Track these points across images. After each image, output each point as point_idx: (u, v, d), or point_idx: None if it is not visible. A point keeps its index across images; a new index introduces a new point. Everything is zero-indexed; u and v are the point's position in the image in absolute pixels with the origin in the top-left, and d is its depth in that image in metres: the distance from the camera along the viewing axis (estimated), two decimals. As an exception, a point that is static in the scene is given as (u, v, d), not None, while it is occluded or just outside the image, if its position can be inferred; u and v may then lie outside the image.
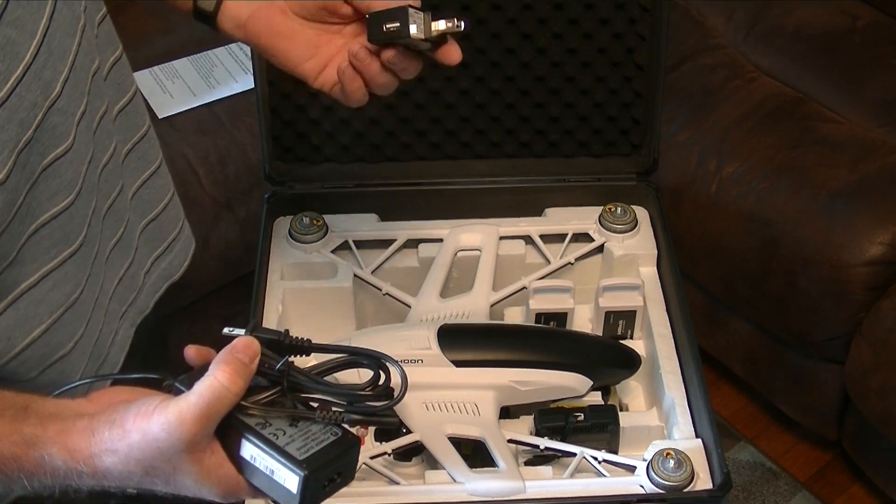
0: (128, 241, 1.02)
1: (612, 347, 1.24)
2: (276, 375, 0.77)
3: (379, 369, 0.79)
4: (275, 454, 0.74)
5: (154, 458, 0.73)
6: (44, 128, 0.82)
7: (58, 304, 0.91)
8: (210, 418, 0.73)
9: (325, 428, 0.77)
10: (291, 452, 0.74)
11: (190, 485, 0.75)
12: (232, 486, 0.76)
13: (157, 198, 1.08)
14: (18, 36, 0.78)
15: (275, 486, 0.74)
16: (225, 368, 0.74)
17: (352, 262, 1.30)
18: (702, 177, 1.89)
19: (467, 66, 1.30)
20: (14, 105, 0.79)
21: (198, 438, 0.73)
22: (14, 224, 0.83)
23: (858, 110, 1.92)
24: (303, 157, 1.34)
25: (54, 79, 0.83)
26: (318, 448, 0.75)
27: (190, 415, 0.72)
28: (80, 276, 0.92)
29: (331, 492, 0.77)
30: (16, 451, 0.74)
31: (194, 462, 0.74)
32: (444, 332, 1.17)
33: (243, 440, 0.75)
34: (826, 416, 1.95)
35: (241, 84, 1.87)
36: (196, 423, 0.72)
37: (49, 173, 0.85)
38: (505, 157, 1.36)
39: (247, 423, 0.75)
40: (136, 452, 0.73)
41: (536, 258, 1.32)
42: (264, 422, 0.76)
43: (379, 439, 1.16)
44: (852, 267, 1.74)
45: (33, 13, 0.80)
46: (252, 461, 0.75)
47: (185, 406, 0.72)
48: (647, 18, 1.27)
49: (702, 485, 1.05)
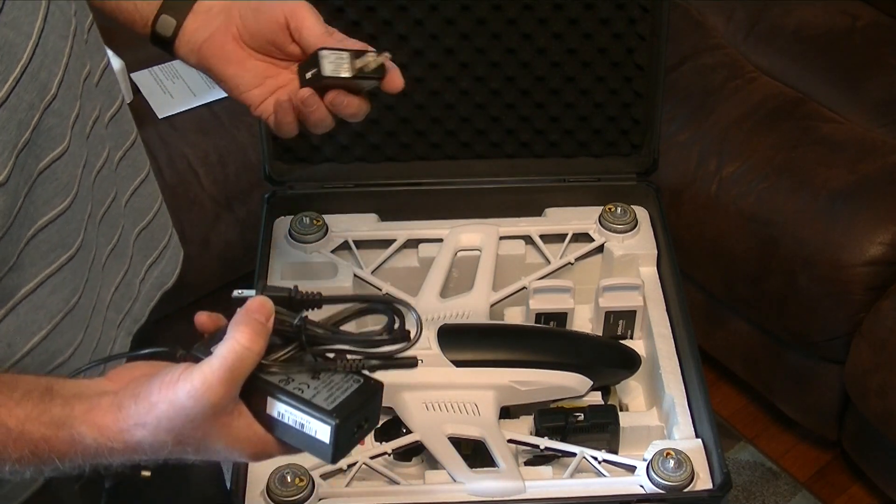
0: (123, 248, 1.02)
1: (612, 347, 1.24)
2: (292, 332, 0.77)
3: (393, 314, 0.80)
4: (303, 407, 0.75)
5: (184, 427, 0.73)
6: (40, 129, 0.83)
7: (57, 309, 0.91)
8: (235, 380, 0.73)
9: (346, 377, 0.77)
10: (319, 403, 0.75)
11: (221, 449, 0.76)
12: (262, 446, 0.77)
13: (147, 205, 1.08)
14: (15, 37, 0.79)
15: (306, 439, 0.75)
16: (244, 329, 0.74)
17: (352, 262, 1.30)
18: (702, 177, 1.89)
19: (467, 66, 1.30)
20: (13, 105, 0.79)
21: (225, 402, 0.73)
22: (14, 228, 0.84)
23: (858, 110, 1.92)
24: (303, 157, 1.34)
25: (50, 80, 0.83)
26: (343, 397, 0.76)
27: (215, 378, 0.72)
28: (77, 281, 0.92)
29: (359, 438, 0.78)
30: (46, 432, 0.74)
31: (223, 426, 0.75)
32: (444, 332, 1.17)
33: (269, 398, 0.76)
34: (826, 416, 1.95)
35: (241, 84, 1.87)
36: (222, 387, 0.73)
37: (46, 176, 0.85)
38: (505, 157, 1.36)
39: (270, 382, 0.76)
40: (166, 423, 0.73)
41: (536, 258, 1.32)
42: (287, 378, 0.76)
43: (379, 439, 1.16)
44: (852, 267, 1.74)
45: (28, 14, 0.80)
46: (280, 418, 0.76)
47: (208, 371, 0.73)
48: (647, 18, 1.27)
49: (702, 485, 1.05)
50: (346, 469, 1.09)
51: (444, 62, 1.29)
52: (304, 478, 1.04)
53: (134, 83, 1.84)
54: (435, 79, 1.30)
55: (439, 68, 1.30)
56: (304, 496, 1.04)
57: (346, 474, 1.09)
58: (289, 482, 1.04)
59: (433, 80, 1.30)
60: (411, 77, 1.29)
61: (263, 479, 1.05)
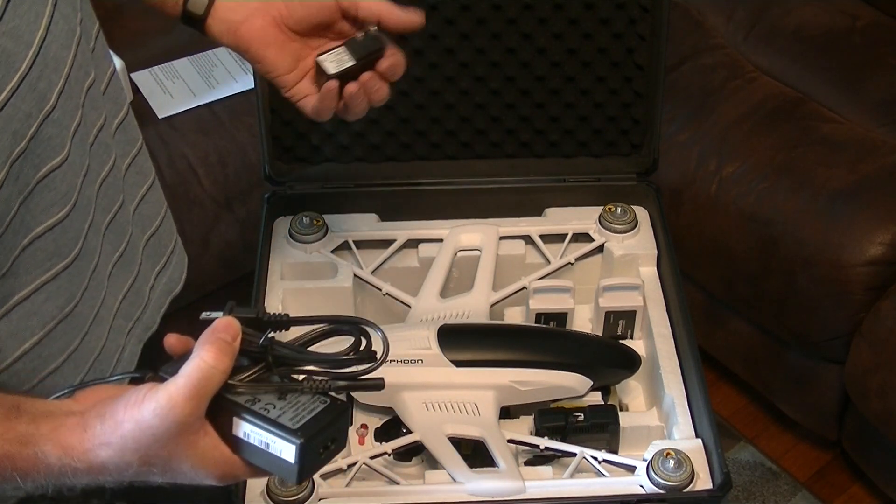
0: (131, 256, 1.02)
1: (612, 347, 1.24)
2: (259, 352, 0.77)
3: (360, 334, 0.80)
4: (268, 427, 0.75)
5: (149, 446, 0.73)
6: (38, 139, 0.82)
7: (50, 316, 0.90)
8: (200, 398, 0.73)
9: (313, 398, 0.77)
10: (285, 423, 0.75)
11: (187, 470, 0.75)
12: (229, 467, 0.76)
13: (154, 212, 1.08)
14: (14, 46, 0.78)
15: (272, 459, 0.75)
16: (209, 348, 0.74)
17: (352, 262, 1.30)
18: (702, 177, 1.89)
19: (467, 66, 1.30)
20: (8, 115, 0.78)
21: (191, 420, 0.73)
22: (7, 236, 0.83)
23: (858, 110, 1.92)
24: (303, 157, 1.34)
25: (49, 90, 0.83)
26: (309, 416, 0.76)
27: (180, 397, 0.72)
28: (73, 289, 0.92)
29: (326, 459, 0.78)
30: (9, 449, 0.73)
31: (189, 445, 0.74)
32: (444, 332, 1.17)
33: (235, 418, 0.75)
34: (826, 416, 1.94)
35: (241, 84, 1.87)
36: (188, 404, 0.72)
37: (43, 185, 0.84)
38: (505, 157, 1.36)
39: (237, 402, 0.76)
40: (131, 443, 0.73)
41: (536, 258, 1.32)
42: (253, 398, 0.76)
43: (379, 439, 1.16)
44: (852, 267, 1.74)
45: (30, 23, 0.80)
46: (246, 438, 0.75)
47: (174, 389, 0.72)
48: (647, 18, 1.27)
49: (702, 485, 1.06)
50: (346, 469, 1.09)
51: (444, 62, 1.29)
52: (304, 478, 1.04)
53: (134, 83, 1.84)
54: (435, 79, 1.30)
55: (439, 68, 1.30)
56: (304, 496, 1.04)
57: (346, 474, 1.09)
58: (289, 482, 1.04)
59: (433, 80, 1.30)
60: (411, 77, 1.30)
61: (263, 479, 1.05)
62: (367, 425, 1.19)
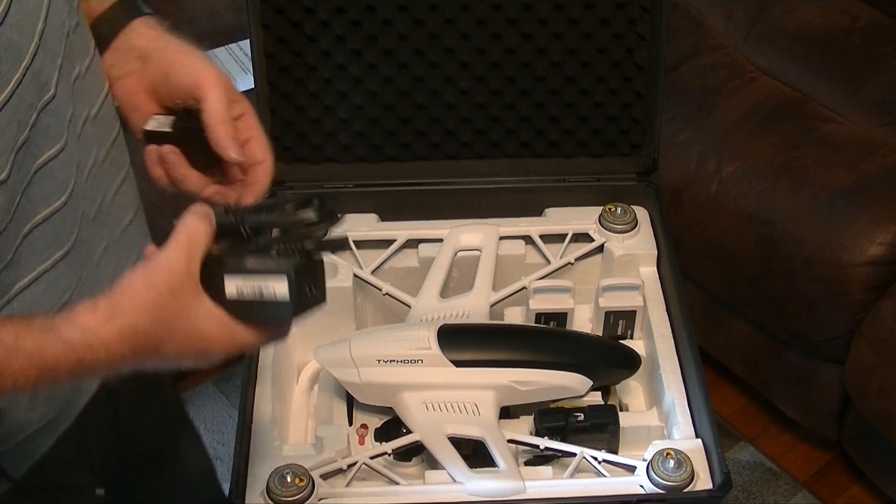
0: (114, 247, 1.03)
1: (612, 347, 1.24)
2: (233, 224, 0.85)
3: (316, 197, 0.87)
4: (256, 274, 0.82)
5: (155, 305, 0.79)
6: (38, 128, 0.84)
7: (50, 306, 0.91)
8: (191, 255, 0.81)
9: (289, 255, 0.84)
10: (270, 268, 0.82)
11: (194, 334, 0.81)
12: (229, 330, 0.82)
13: (128, 203, 1.08)
14: (20, 38, 0.80)
15: (265, 305, 0.82)
16: (189, 216, 0.83)
17: (352, 262, 1.30)
18: (702, 177, 1.90)
19: (467, 66, 1.30)
20: (14, 106, 0.80)
21: (185, 277, 0.80)
22: (11, 225, 0.84)
23: (858, 110, 1.92)
24: (303, 157, 1.34)
25: (49, 79, 0.84)
26: (291, 261, 0.83)
27: (173, 254, 0.80)
28: (71, 279, 0.93)
29: (313, 303, 0.85)
30: (36, 338, 0.78)
31: (190, 305, 0.81)
32: (444, 332, 1.17)
33: (226, 280, 0.82)
34: (826, 416, 1.95)
35: (240, 84, 1.84)
36: (180, 260, 0.80)
37: (43, 174, 0.86)
38: (505, 157, 1.36)
39: (224, 265, 0.83)
40: (139, 305, 0.79)
41: (536, 258, 1.32)
42: (236, 261, 0.83)
43: (379, 439, 1.16)
44: (852, 267, 1.75)
45: (32, 15, 0.81)
46: (239, 294, 0.82)
47: (166, 251, 0.81)
48: (647, 18, 1.27)
49: (702, 485, 1.05)
50: (347, 469, 1.09)
51: (444, 62, 1.29)
52: (304, 478, 1.04)
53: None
54: (435, 79, 1.30)
55: (439, 68, 1.30)
56: (304, 496, 1.04)
57: (346, 474, 1.09)
58: (289, 482, 1.04)
59: (433, 80, 1.30)
60: (411, 77, 1.30)
61: (263, 480, 1.05)
62: (367, 425, 1.19)
